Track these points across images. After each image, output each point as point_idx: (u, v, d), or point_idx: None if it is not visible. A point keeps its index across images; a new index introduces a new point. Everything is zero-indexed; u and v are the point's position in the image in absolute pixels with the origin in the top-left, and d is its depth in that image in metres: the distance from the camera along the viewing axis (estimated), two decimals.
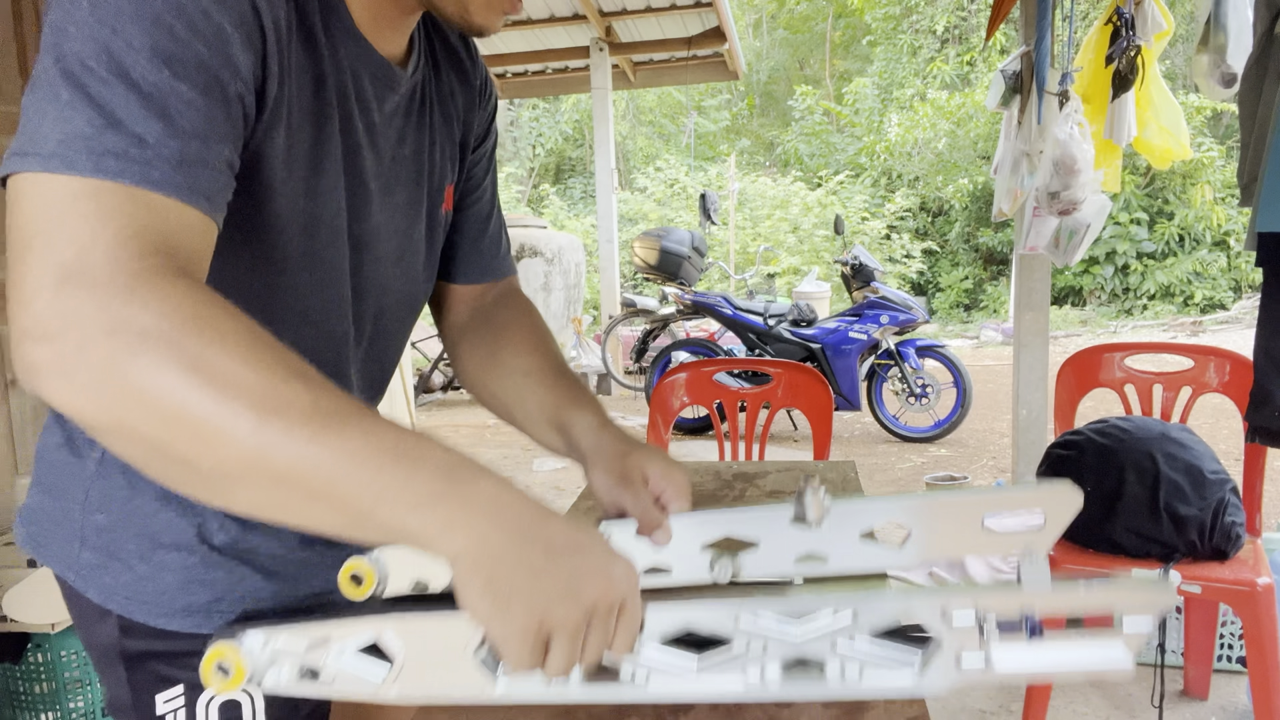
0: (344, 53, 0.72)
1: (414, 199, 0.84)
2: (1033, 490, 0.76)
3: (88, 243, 0.52)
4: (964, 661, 0.61)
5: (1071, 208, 2.78)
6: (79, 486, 0.75)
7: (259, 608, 0.78)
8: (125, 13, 0.55)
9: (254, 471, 0.52)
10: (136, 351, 0.51)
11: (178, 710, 0.76)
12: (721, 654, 0.63)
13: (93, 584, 0.76)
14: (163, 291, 0.52)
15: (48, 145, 0.53)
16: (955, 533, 0.77)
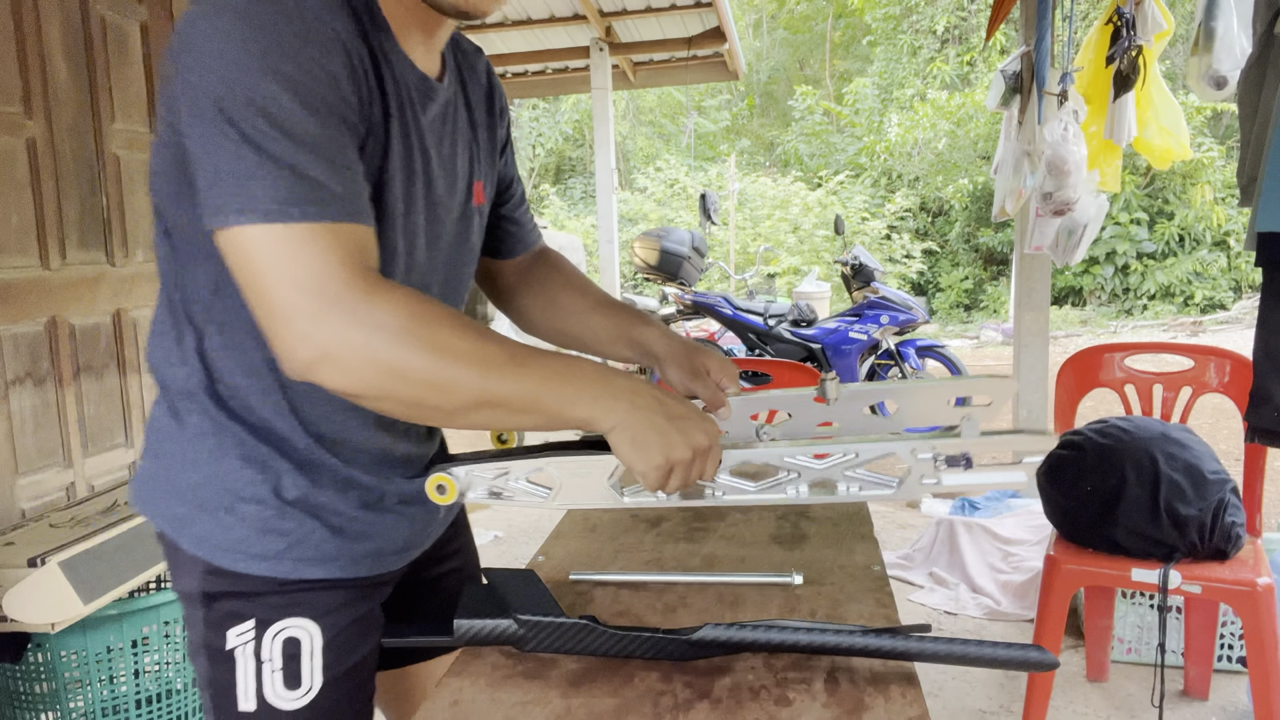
0: (397, 70, 0.86)
1: (455, 193, 0.98)
2: (982, 380, 1.09)
3: (324, 272, 0.72)
4: (923, 481, 0.92)
5: (1065, 208, 2.79)
6: (179, 449, 0.90)
7: (323, 559, 0.91)
8: (273, 83, 0.72)
9: (481, 405, 0.77)
10: (388, 343, 0.73)
11: (247, 644, 0.89)
12: (770, 480, 0.94)
13: (185, 534, 0.89)
14: (388, 296, 0.74)
15: (262, 204, 0.72)
16: (928, 407, 1.11)
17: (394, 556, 0.97)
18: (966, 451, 0.91)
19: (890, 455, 0.91)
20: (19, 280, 2.26)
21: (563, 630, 0.88)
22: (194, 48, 0.73)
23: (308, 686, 0.90)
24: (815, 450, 0.92)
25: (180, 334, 0.89)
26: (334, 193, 0.74)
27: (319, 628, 0.91)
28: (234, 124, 0.71)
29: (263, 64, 0.72)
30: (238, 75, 0.71)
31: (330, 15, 0.77)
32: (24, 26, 2.27)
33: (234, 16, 0.72)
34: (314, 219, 0.73)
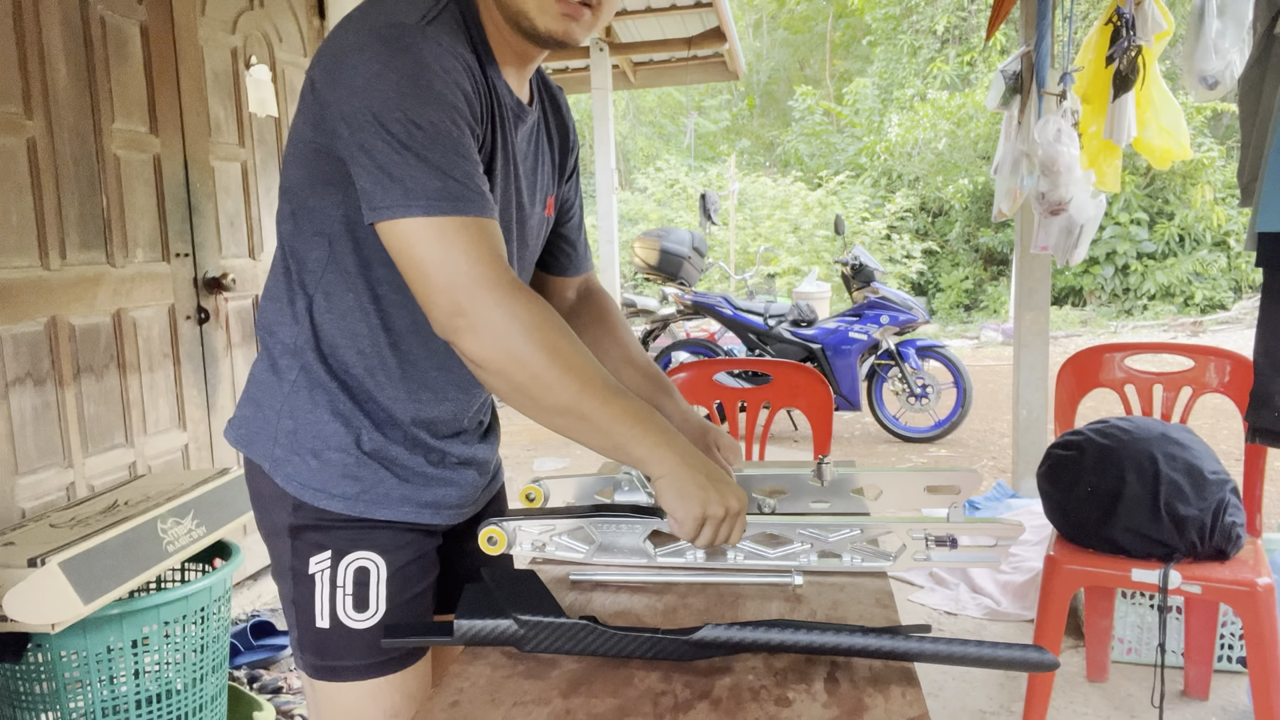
0: (500, 93, 1.02)
1: (532, 203, 1.14)
2: (950, 472, 1.26)
3: (477, 258, 0.89)
4: (915, 557, 1.09)
5: (1059, 208, 2.79)
6: (278, 400, 1.06)
7: (391, 503, 1.06)
8: (423, 99, 0.88)
9: (569, 413, 0.93)
10: (520, 333, 0.89)
11: (324, 570, 1.05)
12: (785, 548, 1.11)
13: (280, 472, 1.05)
14: (527, 295, 0.91)
15: (420, 199, 0.88)
16: (908, 492, 1.27)
17: (450, 511, 1.12)
18: (952, 534, 1.08)
19: (888, 533, 1.09)
20: (19, 280, 2.26)
21: (563, 630, 0.88)
22: (346, 72, 0.89)
23: (374, 610, 1.05)
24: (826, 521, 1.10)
25: (293, 298, 1.04)
26: (476, 192, 0.91)
27: (384, 561, 1.05)
28: (391, 134, 0.88)
29: (410, 84, 0.88)
30: (390, 93, 0.87)
31: (459, 45, 0.94)
32: (24, 26, 2.27)
33: (380, 44, 0.89)
34: (462, 213, 0.89)
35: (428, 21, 0.91)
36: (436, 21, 0.92)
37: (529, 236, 1.15)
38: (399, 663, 1.07)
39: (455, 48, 0.92)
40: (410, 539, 1.08)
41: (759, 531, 1.10)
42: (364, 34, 0.90)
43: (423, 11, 0.92)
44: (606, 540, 1.11)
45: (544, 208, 1.18)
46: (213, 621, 1.94)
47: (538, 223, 1.17)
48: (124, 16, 2.59)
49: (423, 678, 1.11)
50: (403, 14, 0.91)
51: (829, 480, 1.28)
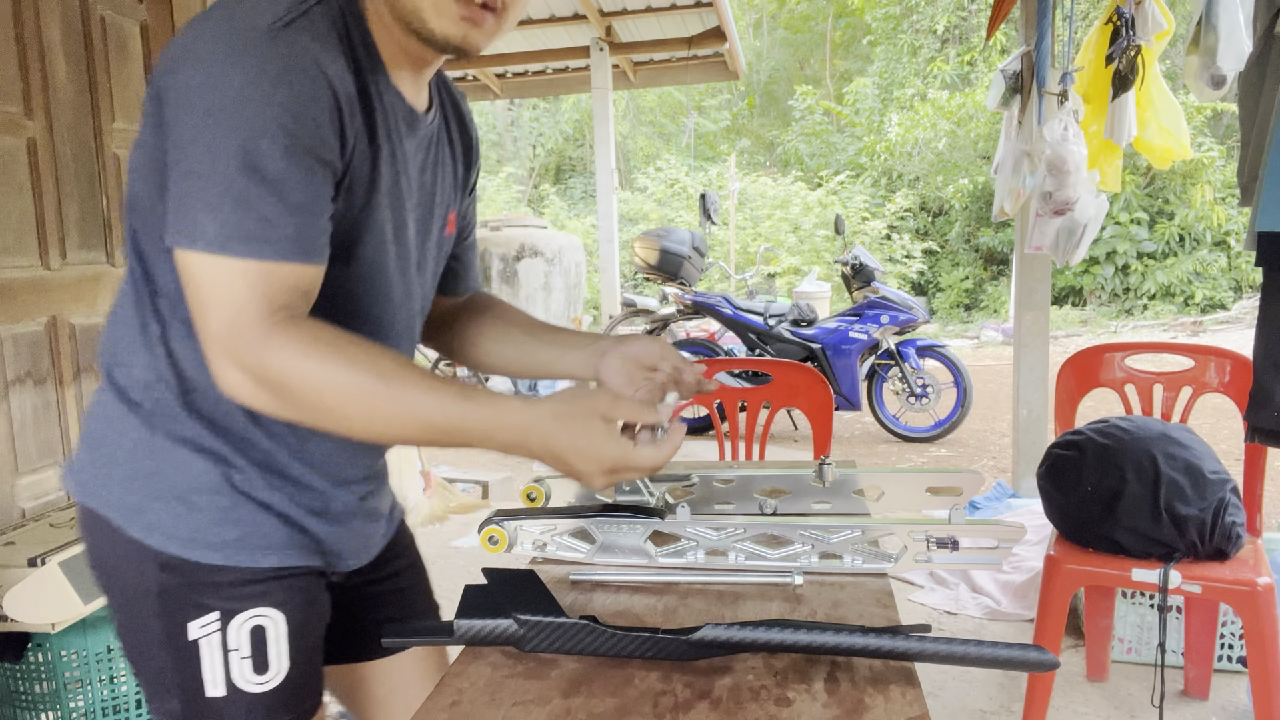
0: (387, 102, 0.91)
1: (428, 219, 1.03)
2: (951, 473, 1.24)
3: (241, 308, 0.79)
4: (916, 559, 1.09)
5: (1065, 208, 2.78)
6: (130, 438, 0.91)
7: (278, 546, 0.94)
8: (251, 124, 0.77)
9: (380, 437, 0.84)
10: (280, 380, 0.79)
11: (211, 635, 0.91)
12: (786, 549, 1.10)
13: (136, 523, 0.90)
14: (282, 340, 0.79)
15: (208, 233, 0.78)
16: (909, 493, 1.25)
17: (338, 558, 1.02)
18: (954, 536, 1.07)
19: (890, 535, 1.09)
20: (19, 280, 2.26)
21: (563, 630, 0.88)
22: (180, 76, 0.79)
23: (276, 669, 0.94)
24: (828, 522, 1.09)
25: (144, 324, 0.91)
26: (282, 234, 0.80)
27: (282, 615, 0.95)
28: (209, 155, 0.77)
29: (246, 103, 0.77)
30: (220, 110, 0.77)
31: (323, 55, 0.82)
32: (24, 26, 2.27)
33: (226, 54, 0.78)
34: (253, 256, 0.79)
35: (285, 23, 0.80)
36: (296, 24, 0.80)
37: (428, 257, 1.04)
38: (305, 717, 0.99)
39: (316, 55, 0.81)
40: (305, 584, 0.97)
41: (760, 532, 1.10)
42: (206, 36, 0.79)
43: (281, 11, 0.80)
44: (607, 540, 1.11)
45: (445, 225, 1.07)
46: None
47: (437, 241, 1.06)
48: (124, 16, 2.59)
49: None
50: (256, 13, 0.80)
51: (830, 481, 1.27)
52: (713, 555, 1.11)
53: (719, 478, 1.29)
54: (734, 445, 2.23)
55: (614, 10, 6.70)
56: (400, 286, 0.98)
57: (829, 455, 1.36)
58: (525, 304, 7.73)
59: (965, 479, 1.25)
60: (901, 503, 1.27)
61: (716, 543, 1.11)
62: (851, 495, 1.28)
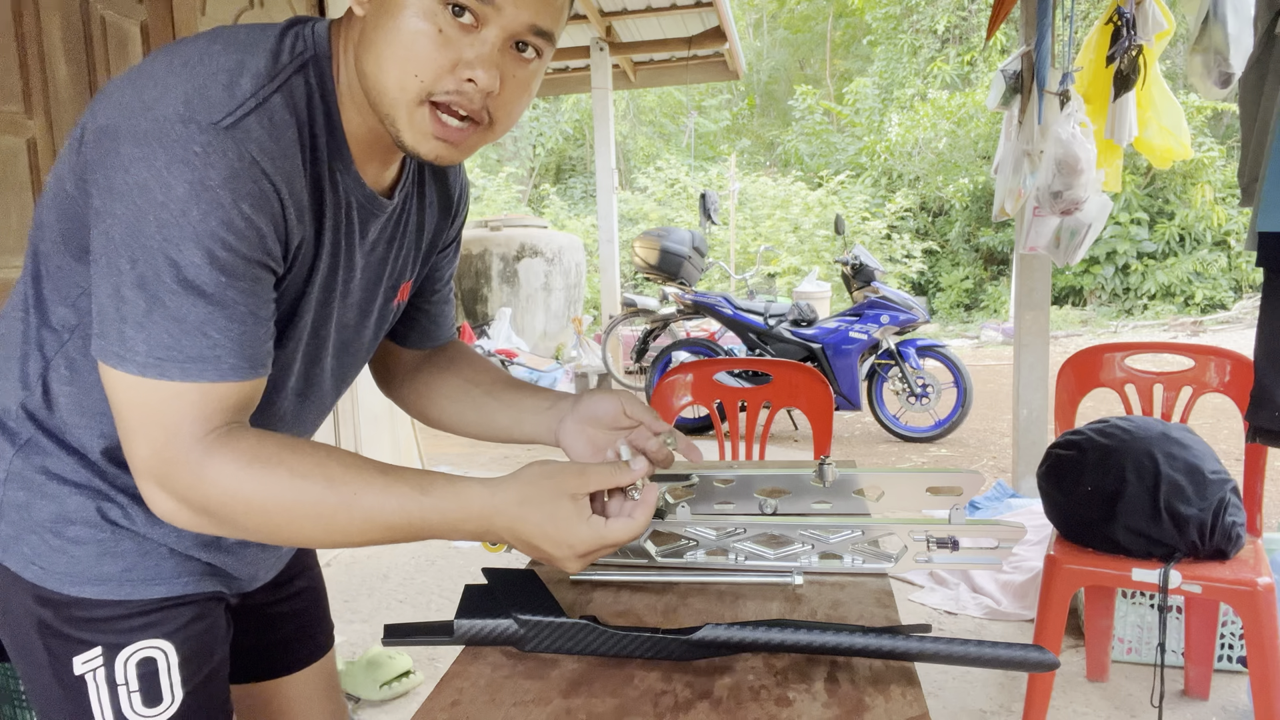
0: (342, 187, 0.85)
1: (369, 298, 0.97)
2: (952, 473, 1.20)
3: (172, 431, 0.74)
4: (917, 559, 1.09)
5: (1074, 207, 2.78)
6: (0, 468, 0.86)
7: (165, 577, 0.89)
8: (187, 232, 0.71)
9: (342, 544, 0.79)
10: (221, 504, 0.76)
11: (96, 670, 0.86)
12: (786, 549, 1.11)
13: (11, 554, 0.86)
14: (219, 457, 0.75)
15: (139, 354, 0.73)
16: (909, 493, 1.22)
17: (231, 580, 0.97)
18: (954, 536, 1.07)
19: (890, 535, 1.09)
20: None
21: (563, 630, 0.88)
22: (115, 158, 0.71)
23: (169, 701, 0.89)
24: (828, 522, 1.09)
25: (26, 354, 0.86)
26: (224, 351, 0.75)
27: (172, 645, 0.89)
28: (135, 265, 0.71)
29: (187, 217, 0.71)
30: (154, 218, 0.70)
31: (274, 155, 0.75)
32: (24, 26, 2.27)
33: (164, 153, 0.70)
34: (190, 378, 0.74)
35: (233, 122, 0.72)
36: (246, 123, 0.73)
37: (362, 340, 1.00)
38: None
39: (263, 165, 0.74)
40: (196, 611, 0.92)
41: (760, 532, 1.10)
42: (150, 120, 0.71)
43: (234, 105, 0.73)
44: None
45: (392, 298, 1.01)
46: None
47: (379, 318, 1.01)
48: (124, 16, 2.59)
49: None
50: (207, 105, 0.72)
51: (830, 481, 1.27)
52: (713, 555, 1.11)
53: (719, 478, 1.29)
54: (734, 445, 2.23)
55: (614, 10, 6.71)
56: (309, 375, 0.94)
57: (829, 455, 1.36)
58: (525, 304, 7.73)
59: (965, 479, 1.25)
60: (901, 503, 1.27)
61: (716, 543, 1.11)
62: (851, 495, 1.28)
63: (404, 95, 0.77)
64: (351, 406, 3.59)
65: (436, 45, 0.75)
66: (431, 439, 5.46)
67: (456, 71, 0.77)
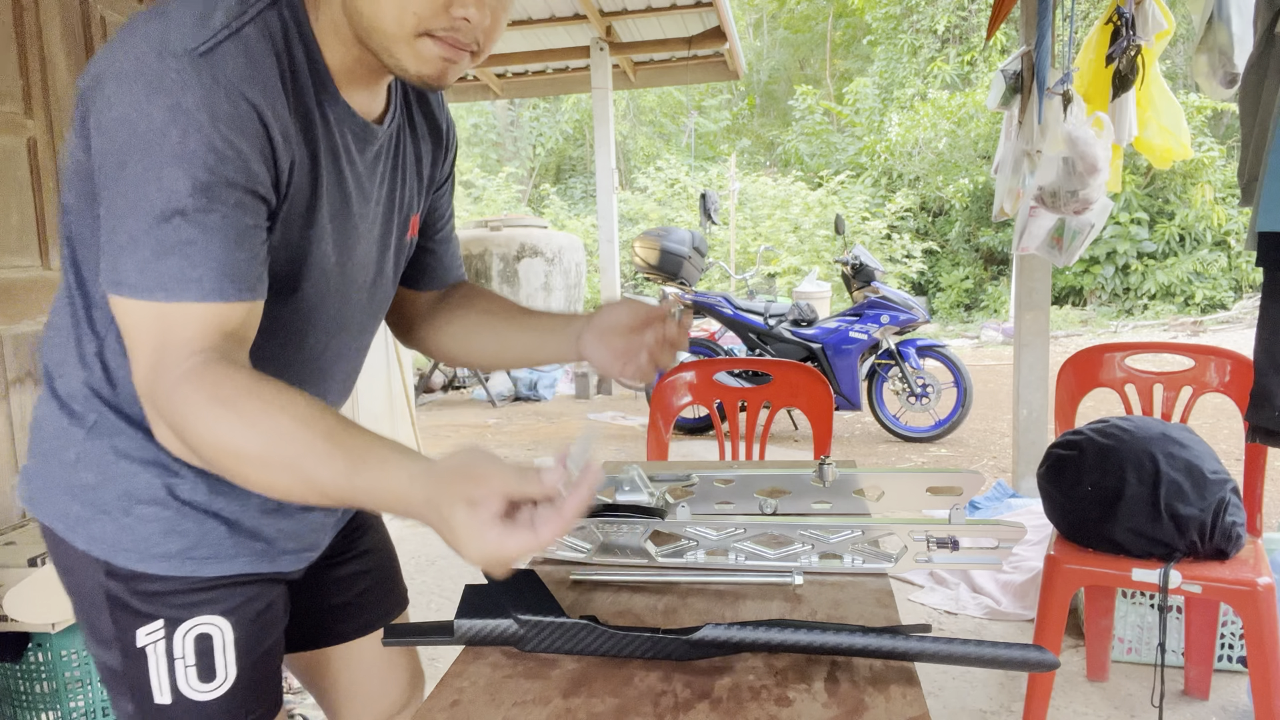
0: (333, 118, 0.88)
1: (386, 231, 1.01)
2: (952, 473, 1.22)
3: (158, 351, 0.76)
4: (917, 559, 1.09)
5: (1084, 207, 2.77)
6: (72, 449, 0.90)
7: (224, 556, 0.93)
8: (170, 159, 0.74)
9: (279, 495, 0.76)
10: (185, 429, 0.76)
11: (157, 642, 0.91)
12: (785, 549, 1.11)
13: (80, 534, 0.90)
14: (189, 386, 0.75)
15: (130, 277, 0.76)
16: (909, 493, 1.24)
17: (290, 556, 1.01)
18: (954, 536, 1.07)
19: (890, 535, 1.08)
20: (19, 280, 2.26)
21: (563, 630, 0.88)
22: (103, 101, 0.75)
23: (222, 678, 0.94)
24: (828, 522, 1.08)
25: (80, 337, 0.90)
26: (204, 272, 0.76)
27: (228, 622, 0.94)
28: (128, 194, 0.75)
29: (164, 140, 0.74)
30: (139, 147, 0.74)
31: (252, 82, 0.77)
32: (24, 26, 2.27)
33: (144, 85, 0.74)
34: (173, 298, 0.76)
35: (210, 48, 0.75)
36: (223, 47, 0.76)
37: (385, 270, 1.03)
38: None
39: (242, 83, 0.77)
40: (253, 591, 0.96)
41: (760, 532, 1.10)
42: (125, 60, 0.75)
43: (207, 34, 0.76)
44: (607, 540, 1.11)
45: (405, 231, 1.04)
46: None
47: (395, 250, 1.04)
48: (124, 16, 2.59)
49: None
50: (181, 36, 0.75)
51: (830, 481, 1.27)
52: (713, 555, 1.11)
53: (719, 478, 1.29)
54: (734, 445, 2.23)
55: (614, 10, 6.71)
56: (337, 313, 0.96)
57: (829, 455, 1.36)
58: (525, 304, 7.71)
59: (965, 479, 1.25)
60: (901, 503, 1.27)
61: (716, 543, 1.11)
62: (851, 495, 1.28)
63: (401, 30, 0.80)
64: (352, 408, 3.59)
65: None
66: (432, 439, 5.45)
67: (451, 10, 0.80)
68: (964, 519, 1.09)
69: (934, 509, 1.27)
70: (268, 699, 0.99)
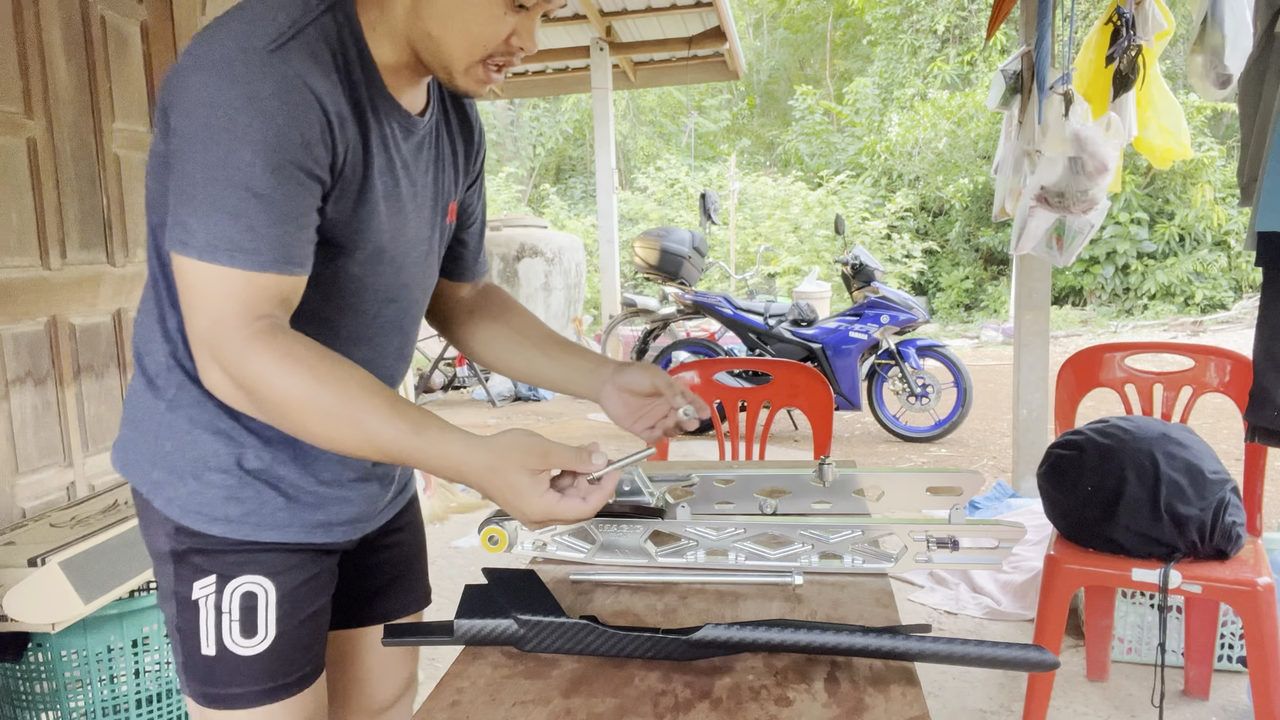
0: (381, 109, 0.98)
1: (431, 214, 1.10)
2: (952, 473, 1.24)
3: (223, 313, 0.87)
4: (917, 559, 1.08)
5: (1091, 206, 2.77)
6: (155, 420, 1.02)
7: (278, 525, 1.02)
8: (243, 141, 0.84)
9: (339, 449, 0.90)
10: (253, 386, 0.88)
11: (209, 595, 1.01)
12: (785, 549, 1.11)
13: (158, 496, 1.01)
14: (259, 347, 0.87)
15: (198, 240, 0.86)
16: (909, 493, 1.25)
17: (343, 528, 1.08)
18: (954, 536, 1.07)
19: (890, 535, 1.09)
20: (19, 280, 2.26)
21: (563, 630, 0.88)
22: (183, 93, 0.87)
23: (263, 635, 1.02)
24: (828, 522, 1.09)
25: (162, 314, 1.00)
26: (266, 244, 0.87)
27: (273, 585, 1.02)
28: (204, 167, 0.85)
29: (238, 122, 0.84)
30: (216, 127, 0.85)
31: (314, 74, 0.89)
32: (24, 26, 2.27)
33: (224, 75, 0.85)
34: (236, 265, 0.86)
35: (277, 46, 0.87)
36: (289, 46, 0.87)
37: (432, 251, 1.12)
38: (293, 688, 1.05)
39: (306, 74, 0.88)
40: (301, 559, 1.05)
41: (760, 532, 1.10)
42: (208, 55, 0.86)
43: (275, 33, 0.87)
44: (607, 540, 1.11)
45: (446, 215, 1.14)
46: None
47: (441, 232, 1.14)
48: (124, 16, 2.59)
49: (320, 696, 1.09)
50: (252, 35, 0.87)
51: (830, 481, 1.27)
52: (713, 555, 1.11)
53: (719, 478, 1.29)
54: (734, 445, 2.23)
55: (614, 10, 6.71)
56: (391, 284, 1.05)
57: (829, 455, 1.36)
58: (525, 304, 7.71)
59: (965, 479, 1.25)
60: (901, 503, 1.27)
61: (716, 543, 1.11)
62: (851, 495, 1.28)
63: (468, 58, 0.95)
64: None
65: (500, 25, 0.94)
66: None
67: (510, 42, 0.95)
68: (964, 519, 1.10)
69: (934, 509, 1.27)
70: (307, 663, 1.06)
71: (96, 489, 2.39)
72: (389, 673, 1.28)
